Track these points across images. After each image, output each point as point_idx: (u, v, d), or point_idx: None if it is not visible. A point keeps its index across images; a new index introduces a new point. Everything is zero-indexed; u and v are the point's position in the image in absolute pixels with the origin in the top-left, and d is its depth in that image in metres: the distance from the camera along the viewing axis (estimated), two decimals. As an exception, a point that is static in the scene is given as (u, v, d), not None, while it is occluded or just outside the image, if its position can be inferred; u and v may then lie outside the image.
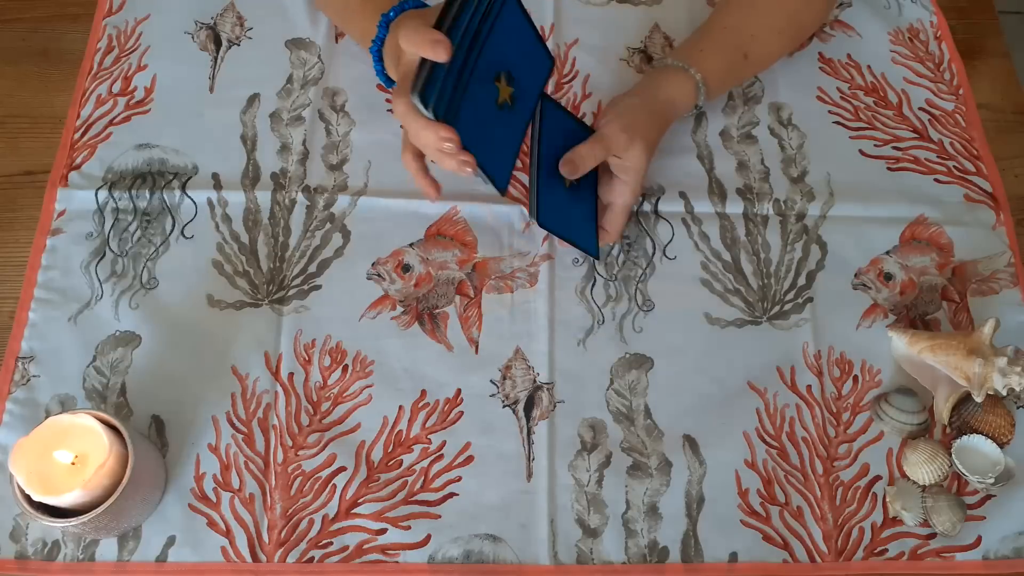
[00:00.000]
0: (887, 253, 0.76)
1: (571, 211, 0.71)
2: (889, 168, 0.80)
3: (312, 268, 0.73)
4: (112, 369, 0.69)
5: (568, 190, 0.71)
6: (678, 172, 0.78)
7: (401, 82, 0.60)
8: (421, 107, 0.57)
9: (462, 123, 0.58)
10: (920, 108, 0.83)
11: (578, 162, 0.68)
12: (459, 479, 0.67)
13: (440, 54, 0.55)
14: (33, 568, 0.63)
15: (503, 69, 0.62)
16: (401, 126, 0.61)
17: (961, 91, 0.84)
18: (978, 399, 0.66)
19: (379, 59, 0.68)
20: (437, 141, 0.58)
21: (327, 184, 0.76)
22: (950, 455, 0.67)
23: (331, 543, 0.64)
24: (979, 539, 0.66)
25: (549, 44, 0.84)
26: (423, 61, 0.56)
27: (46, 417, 0.62)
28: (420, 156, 0.65)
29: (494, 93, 0.62)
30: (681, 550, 0.65)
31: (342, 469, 0.66)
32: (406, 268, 0.74)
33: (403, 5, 0.66)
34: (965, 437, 0.68)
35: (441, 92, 0.57)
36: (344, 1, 0.74)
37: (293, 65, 0.82)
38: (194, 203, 0.75)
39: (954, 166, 0.80)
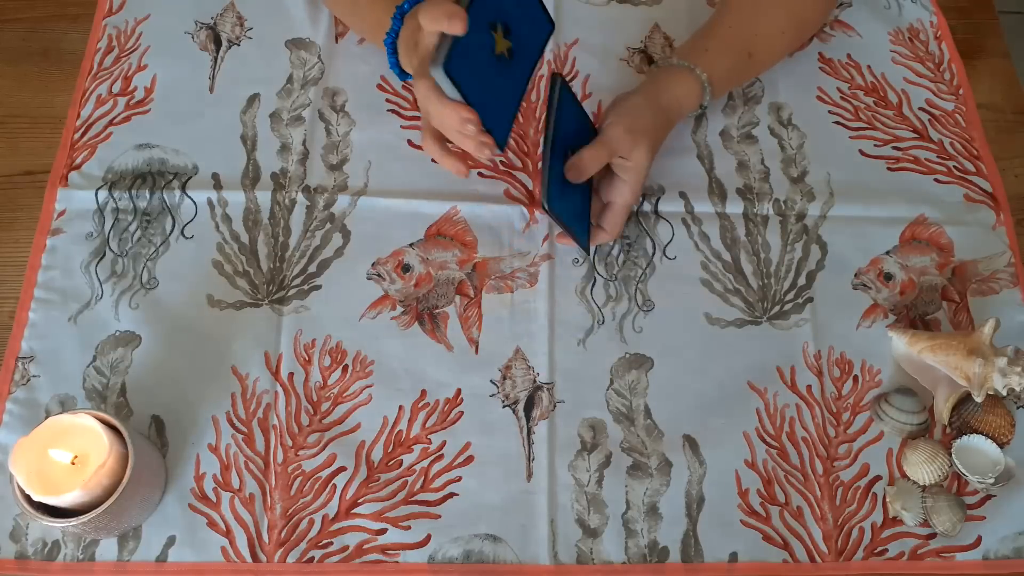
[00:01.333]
0: (887, 253, 0.76)
1: (574, 202, 0.71)
2: (889, 168, 0.80)
3: (312, 268, 0.73)
4: (112, 369, 0.69)
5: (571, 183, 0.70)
6: (678, 172, 0.78)
7: (420, 66, 0.59)
8: (446, 81, 0.57)
9: (456, 68, 0.57)
10: (920, 108, 0.83)
11: (583, 167, 0.67)
12: (459, 479, 0.67)
13: (456, 27, 0.55)
14: (33, 568, 0.63)
15: (500, 20, 0.61)
16: (420, 113, 0.60)
17: (961, 91, 0.84)
18: (978, 399, 0.66)
19: (393, 51, 0.68)
20: (459, 122, 0.58)
21: (327, 184, 0.76)
22: (950, 455, 0.68)
23: (331, 543, 0.64)
24: (979, 539, 0.66)
25: (549, 44, 0.84)
26: (443, 36, 0.56)
27: (46, 417, 0.62)
28: (440, 138, 0.64)
29: (490, 42, 0.61)
30: (681, 550, 0.65)
31: (342, 469, 0.66)
32: (406, 268, 0.74)
33: None
34: (965, 437, 0.68)
35: (460, 60, 0.57)
36: None
37: (293, 65, 0.82)
38: (194, 203, 0.75)
39: (954, 166, 0.80)
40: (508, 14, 0.62)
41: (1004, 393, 0.66)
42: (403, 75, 0.70)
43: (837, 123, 0.82)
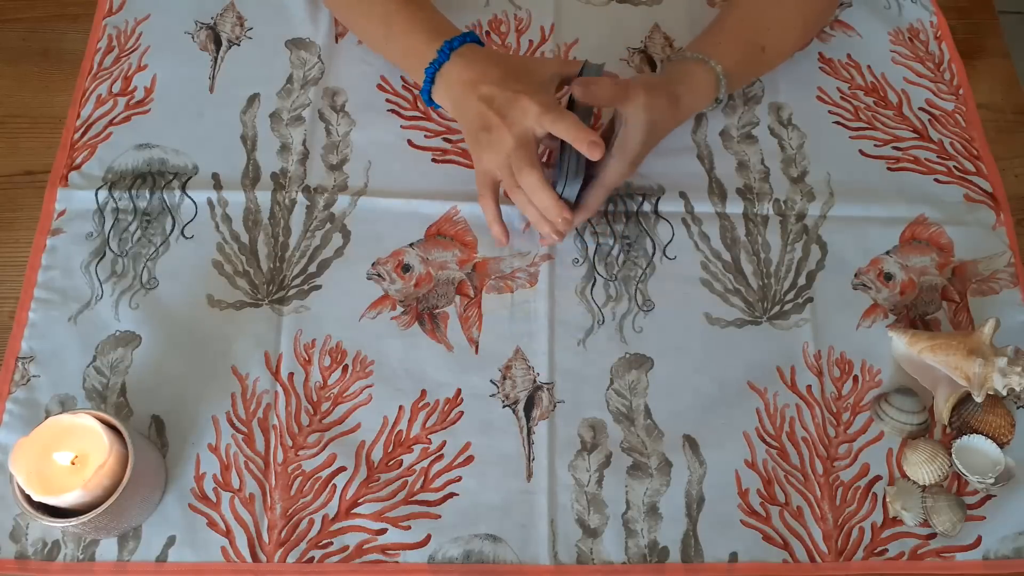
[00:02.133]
0: (887, 253, 0.76)
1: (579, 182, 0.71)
2: (889, 168, 0.80)
3: (312, 268, 0.73)
4: (112, 369, 0.69)
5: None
6: (678, 172, 0.78)
7: (522, 149, 0.65)
8: (567, 191, 0.66)
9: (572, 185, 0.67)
10: (920, 108, 0.83)
11: (595, 89, 0.67)
12: (459, 479, 0.67)
13: (595, 154, 0.63)
14: (33, 568, 0.63)
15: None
16: (476, 170, 0.70)
17: (961, 91, 0.84)
18: (978, 399, 0.66)
19: (431, 80, 0.70)
20: (556, 217, 0.67)
21: (327, 184, 0.76)
22: (950, 455, 0.68)
23: (331, 543, 0.64)
24: (979, 539, 0.66)
25: (549, 43, 0.84)
26: (570, 148, 0.65)
27: (46, 417, 0.62)
28: (498, 201, 0.71)
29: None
30: (681, 550, 0.65)
31: (342, 469, 0.66)
32: (406, 268, 0.74)
33: (465, 37, 0.70)
34: (965, 437, 0.68)
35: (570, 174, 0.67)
36: (386, 21, 0.73)
37: (293, 65, 0.82)
38: (194, 203, 0.75)
39: (954, 166, 0.80)
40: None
41: (1004, 393, 0.66)
42: (430, 102, 0.73)
43: (837, 123, 0.82)
